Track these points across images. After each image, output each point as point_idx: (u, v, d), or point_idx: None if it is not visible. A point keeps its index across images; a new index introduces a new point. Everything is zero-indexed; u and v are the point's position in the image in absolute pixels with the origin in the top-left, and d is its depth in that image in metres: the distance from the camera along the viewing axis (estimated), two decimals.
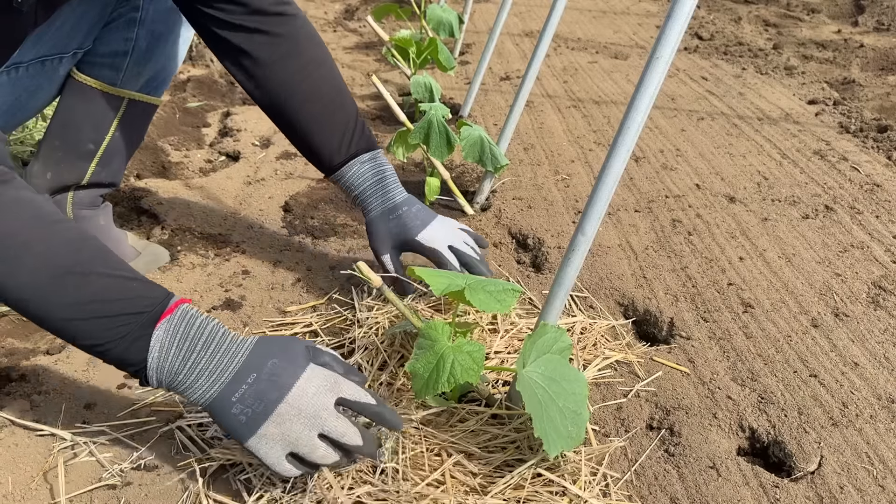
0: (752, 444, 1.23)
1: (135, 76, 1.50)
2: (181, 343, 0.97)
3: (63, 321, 0.96)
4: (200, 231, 1.79)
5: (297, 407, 0.97)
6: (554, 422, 1.03)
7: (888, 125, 2.53)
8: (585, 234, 1.09)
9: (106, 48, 1.45)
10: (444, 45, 2.29)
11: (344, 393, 1.00)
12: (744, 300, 1.58)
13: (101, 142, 1.51)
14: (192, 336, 0.98)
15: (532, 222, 1.87)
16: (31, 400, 1.24)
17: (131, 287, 0.99)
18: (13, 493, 1.07)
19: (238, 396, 0.96)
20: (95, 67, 1.46)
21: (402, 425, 1.05)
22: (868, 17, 4.10)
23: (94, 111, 1.49)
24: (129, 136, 1.56)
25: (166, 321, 0.98)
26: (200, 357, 0.97)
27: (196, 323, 0.99)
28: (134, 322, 0.96)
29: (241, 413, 0.96)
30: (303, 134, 1.44)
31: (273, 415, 0.96)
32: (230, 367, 0.98)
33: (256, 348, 1.00)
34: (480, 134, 1.83)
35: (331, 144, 1.44)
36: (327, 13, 4.15)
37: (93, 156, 1.51)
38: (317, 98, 1.42)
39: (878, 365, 1.39)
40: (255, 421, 0.96)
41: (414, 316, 1.19)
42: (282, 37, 1.37)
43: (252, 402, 0.96)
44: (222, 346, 0.99)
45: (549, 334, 1.11)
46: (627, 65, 3.29)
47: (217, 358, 0.98)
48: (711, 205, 2.01)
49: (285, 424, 0.96)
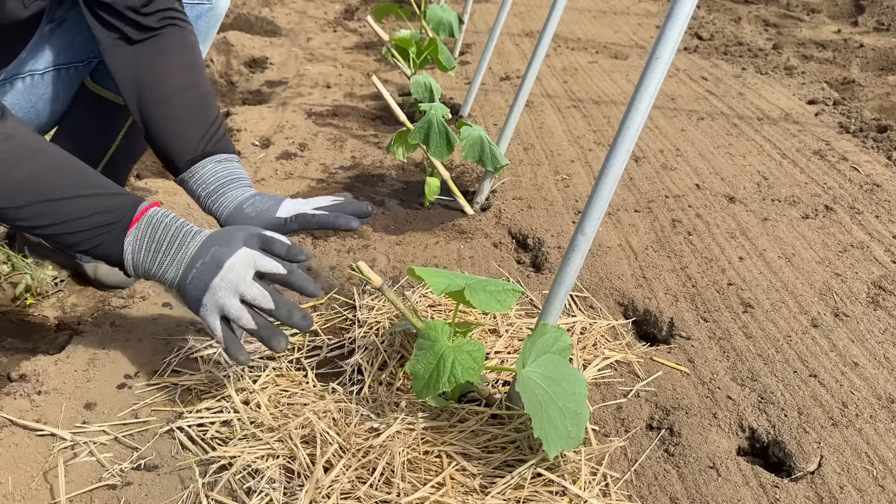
0: (751, 444, 1.23)
1: None
2: (149, 245, 1.18)
3: (54, 235, 1.18)
4: None
5: (226, 279, 1.16)
6: (554, 422, 1.03)
7: (888, 125, 2.53)
8: (585, 234, 1.09)
9: None
10: (443, 46, 2.29)
11: (260, 266, 1.17)
12: (744, 300, 1.58)
13: (108, 149, 1.53)
14: (157, 238, 1.18)
15: (532, 222, 1.87)
16: (31, 400, 1.24)
17: (104, 202, 1.18)
18: (13, 493, 1.07)
19: (191, 277, 1.17)
20: (105, 76, 1.47)
21: (315, 292, 1.19)
22: (868, 17, 4.10)
23: (103, 120, 1.51)
24: (136, 144, 1.58)
25: (134, 229, 1.18)
26: (166, 254, 1.18)
27: (161, 226, 1.18)
28: (108, 232, 1.17)
29: (195, 289, 1.17)
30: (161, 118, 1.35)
31: (210, 288, 1.15)
32: (185, 257, 1.18)
33: (206, 240, 1.19)
34: (480, 134, 1.83)
35: (188, 140, 1.36)
36: (327, 13, 4.15)
37: (98, 162, 1.53)
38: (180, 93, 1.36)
39: (878, 365, 1.39)
40: (201, 294, 1.16)
41: (414, 316, 1.19)
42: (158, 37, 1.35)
43: (199, 281, 1.16)
44: (183, 242, 1.19)
45: (549, 334, 1.11)
46: (627, 65, 3.29)
47: (177, 252, 1.19)
48: (711, 205, 2.01)
49: (217, 294, 1.15)
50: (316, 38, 3.66)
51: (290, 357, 1.35)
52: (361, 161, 2.25)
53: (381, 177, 2.15)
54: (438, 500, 1.03)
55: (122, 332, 1.42)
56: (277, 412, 1.20)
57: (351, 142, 2.39)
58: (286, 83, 2.97)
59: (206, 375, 1.30)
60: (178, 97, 1.34)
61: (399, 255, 1.71)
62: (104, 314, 1.48)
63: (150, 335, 1.41)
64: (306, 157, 2.26)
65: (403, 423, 1.15)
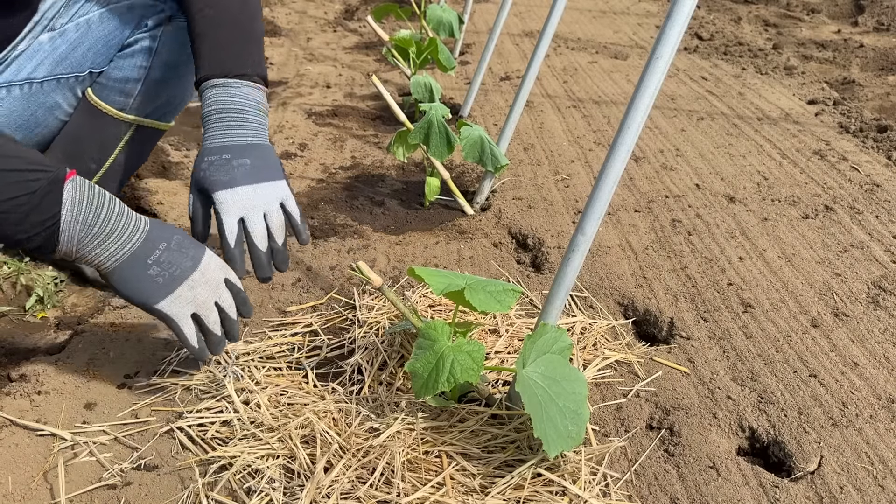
0: (751, 443, 1.23)
1: (145, 103, 1.50)
2: (90, 200, 1.09)
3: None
4: None
5: (206, 276, 1.15)
6: (554, 422, 1.03)
7: (888, 125, 2.53)
8: (585, 234, 1.09)
9: (119, 73, 1.45)
10: (443, 46, 2.29)
11: (229, 275, 1.20)
12: (744, 300, 1.58)
13: (105, 162, 1.51)
14: (97, 195, 1.10)
15: (532, 222, 1.87)
16: (31, 400, 1.24)
17: (36, 156, 1.09)
18: (13, 493, 1.07)
19: (154, 259, 1.12)
20: (106, 90, 1.46)
21: (248, 314, 1.23)
22: (868, 17, 4.10)
23: (101, 133, 1.49)
24: (133, 158, 1.56)
25: (72, 180, 1.09)
26: (110, 215, 1.10)
27: (95, 190, 1.11)
28: (43, 177, 1.05)
29: (159, 275, 1.12)
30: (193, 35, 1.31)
31: (188, 279, 1.13)
32: (138, 232, 1.12)
33: (155, 223, 1.15)
34: (480, 134, 1.83)
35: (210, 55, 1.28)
36: (327, 13, 4.15)
37: (94, 174, 1.51)
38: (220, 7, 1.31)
39: (878, 365, 1.39)
40: (173, 283, 1.13)
41: (414, 316, 1.19)
42: None
43: (167, 266, 1.12)
44: (123, 211, 1.12)
45: (549, 334, 1.11)
46: (627, 65, 3.29)
47: (124, 220, 1.12)
48: (711, 205, 2.01)
49: (197, 289, 1.14)
50: (316, 38, 3.66)
51: (289, 357, 1.35)
52: (361, 161, 2.25)
53: (381, 177, 2.15)
54: (438, 500, 1.03)
55: (122, 332, 1.42)
56: (277, 412, 1.20)
57: (351, 142, 2.39)
58: (286, 83, 2.97)
59: (206, 375, 1.30)
60: None
61: (399, 255, 1.71)
62: (104, 314, 1.48)
63: (151, 335, 1.41)
64: (306, 157, 2.26)
65: (403, 423, 1.15)
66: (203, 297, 1.16)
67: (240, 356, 1.34)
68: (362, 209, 1.95)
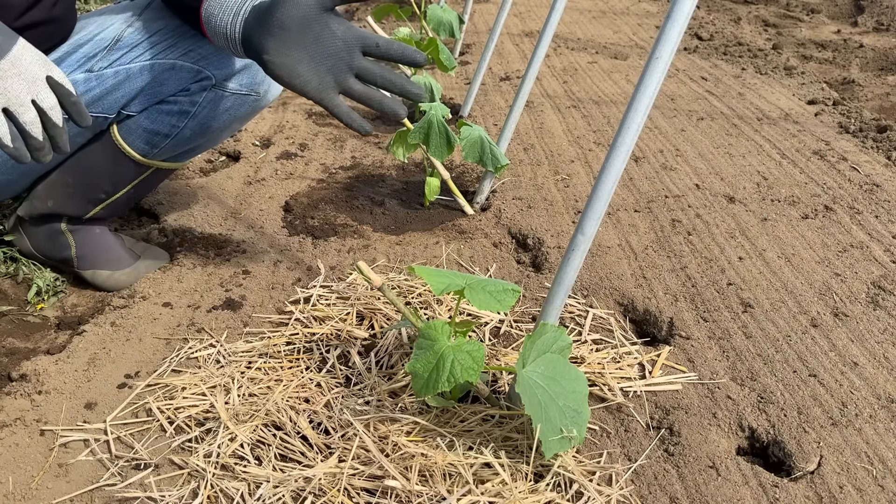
0: (751, 443, 1.23)
1: (168, 152, 1.50)
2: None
3: None
4: (201, 231, 1.79)
5: (18, 68, 1.05)
6: (553, 422, 1.03)
7: (888, 125, 2.53)
8: (585, 234, 1.09)
9: (150, 125, 1.44)
10: (444, 46, 2.29)
11: (54, 73, 1.09)
12: (743, 300, 1.58)
13: (115, 194, 1.51)
14: None
15: (532, 222, 1.87)
16: (32, 400, 1.24)
17: None
18: (13, 493, 1.07)
19: None
20: (133, 136, 1.45)
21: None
22: (868, 17, 4.10)
23: (118, 170, 1.49)
24: (143, 190, 1.57)
25: None
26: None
27: None
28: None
29: None
30: None
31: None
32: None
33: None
34: (480, 134, 1.83)
35: None
36: None
37: (102, 202, 1.51)
38: None
39: (877, 365, 1.40)
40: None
41: (414, 315, 1.20)
42: None
43: None
44: None
45: (549, 334, 1.11)
46: (627, 65, 3.29)
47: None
48: (711, 205, 2.01)
49: (7, 80, 1.04)
50: None
51: (289, 357, 1.35)
52: (361, 161, 2.25)
53: (382, 177, 2.15)
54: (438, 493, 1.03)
55: (122, 332, 1.42)
56: (274, 410, 1.20)
57: (351, 142, 2.40)
58: None
59: (207, 375, 1.30)
60: None
61: (399, 255, 1.71)
62: (104, 314, 1.48)
63: (150, 335, 1.41)
64: (306, 157, 2.26)
65: (403, 423, 1.15)
66: (15, 91, 1.04)
67: (239, 354, 1.34)
68: (362, 209, 1.95)
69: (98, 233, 1.56)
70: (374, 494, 1.05)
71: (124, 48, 1.39)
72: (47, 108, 1.07)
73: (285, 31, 1.12)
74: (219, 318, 1.47)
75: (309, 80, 1.14)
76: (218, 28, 1.22)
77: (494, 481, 1.06)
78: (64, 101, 1.10)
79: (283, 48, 1.13)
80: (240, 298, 1.53)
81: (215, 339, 1.40)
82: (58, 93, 1.10)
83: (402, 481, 1.04)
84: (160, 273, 1.61)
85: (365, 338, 1.38)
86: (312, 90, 1.14)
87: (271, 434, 1.16)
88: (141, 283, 1.57)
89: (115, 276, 1.57)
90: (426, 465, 1.07)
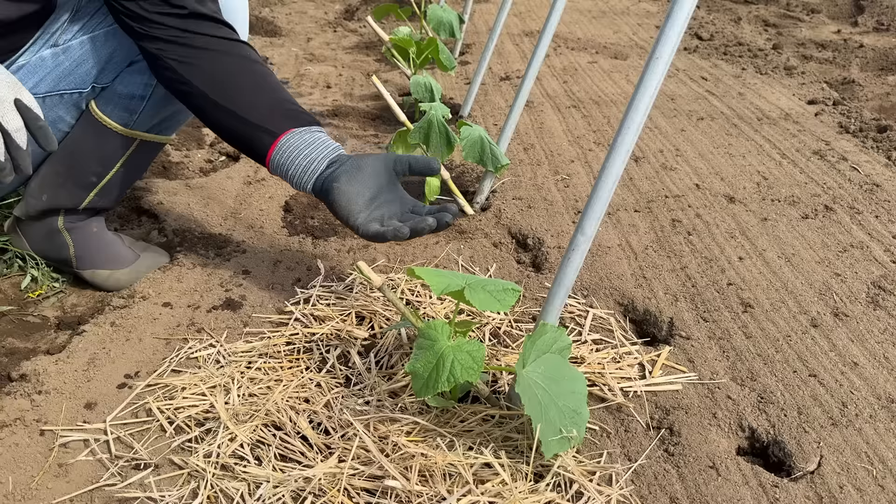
0: (751, 443, 1.23)
1: (149, 119, 1.49)
2: None
3: None
4: (201, 231, 1.79)
5: None
6: (553, 423, 1.03)
7: (888, 125, 2.53)
8: (585, 234, 1.09)
9: (124, 89, 1.44)
10: (444, 46, 2.29)
11: (24, 97, 1.10)
12: (743, 300, 1.58)
13: (105, 175, 1.50)
14: None
15: (532, 222, 1.87)
16: (32, 400, 1.24)
17: None
18: (13, 493, 1.07)
19: None
20: (110, 105, 1.45)
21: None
22: (868, 17, 4.10)
23: (103, 148, 1.48)
24: (134, 170, 1.56)
25: None
26: None
27: None
28: None
29: None
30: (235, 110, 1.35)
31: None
32: None
33: None
34: (480, 134, 1.83)
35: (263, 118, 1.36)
36: (327, 13, 4.15)
37: (94, 187, 1.51)
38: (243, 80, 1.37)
39: (877, 365, 1.40)
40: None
41: (414, 315, 1.20)
42: None
43: None
44: None
45: (549, 334, 1.11)
46: (627, 65, 3.29)
47: None
48: (711, 205, 2.01)
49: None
50: (316, 38, 3.66)
51: (289, 357, 1.35)
52: None
53: None
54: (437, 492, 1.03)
55: (122, 332, 1.42)
56: (274, 410, 1.20)
57: (351, 142, 2.39)
58: (286, 83, 2.97)
59: (207, 375, 1.30)
60: None
61: (399, 255, 1.71)
62: (104, 314, 1.48)
63: (150, 335, 1.41)
64: None
65: (403, 424, 1.15)
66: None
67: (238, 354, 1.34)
68: None
69: (95, 231, 1.56)
70: (374, 494, 1.05)
71: (85, 16, 1.39)
72: (12, 130, 1.08)
73: (360, 171, 1.35)
74: (219, 318, 1.47)
75: (360, 210, 1.33)
76: (291, 178, 1.38)
77: (494, 481, 1.06)
78: (31, 124, 1.11)
79: (352, 181, 1.34)
80: (240, 298, 1.53)
81: (215, 339, 1.40)
82: (25, 116, 1.11)
83: (402, 481, 1.04)
84: (160, 273, 1.61)
85: (365, 338, 1.38)
86: (361, 221, 1.32)
87: (271, 434, 1.16)
88: (141, 283, 1.57)
89: (115, 275, 1.56)
90: (426, 465, 1.07)
